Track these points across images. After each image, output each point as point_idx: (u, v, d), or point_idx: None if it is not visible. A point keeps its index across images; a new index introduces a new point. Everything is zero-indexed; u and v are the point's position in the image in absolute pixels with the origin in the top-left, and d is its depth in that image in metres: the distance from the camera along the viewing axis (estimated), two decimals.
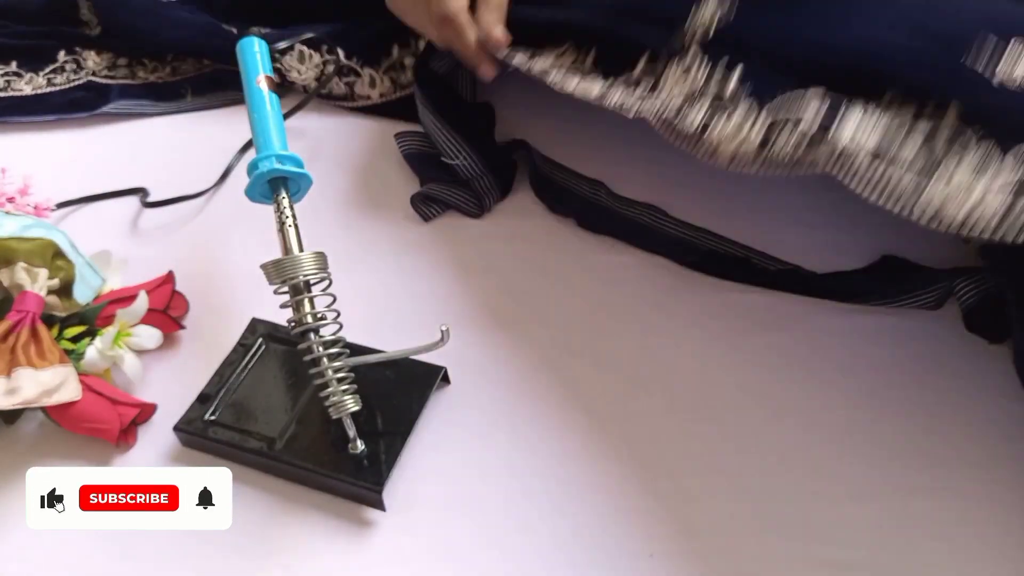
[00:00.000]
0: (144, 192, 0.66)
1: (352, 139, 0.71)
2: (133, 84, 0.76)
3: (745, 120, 0.45)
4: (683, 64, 0.49)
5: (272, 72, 0.56)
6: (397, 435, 0.48)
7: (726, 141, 0.45)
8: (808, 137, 0.43)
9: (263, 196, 0.50)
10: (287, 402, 0.50)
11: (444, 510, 0.47)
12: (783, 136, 0.44)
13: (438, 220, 0.64)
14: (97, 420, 0.48)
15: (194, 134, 0.73)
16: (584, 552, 0.45)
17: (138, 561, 0.45)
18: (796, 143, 0.44)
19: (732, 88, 0.47)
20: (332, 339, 0.47)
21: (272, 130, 0.51)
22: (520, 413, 0.51)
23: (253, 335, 0.54)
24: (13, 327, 0.48)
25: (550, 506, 0.47)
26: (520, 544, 0.45)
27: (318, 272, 0.47)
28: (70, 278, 0.52)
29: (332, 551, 0.45)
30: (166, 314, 0.54)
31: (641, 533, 0.45)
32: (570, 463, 0.49)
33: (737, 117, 0.46)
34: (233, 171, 0.69)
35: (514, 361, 0.54)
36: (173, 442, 0.50)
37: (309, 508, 0.47)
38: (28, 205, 0.58)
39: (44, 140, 0.73)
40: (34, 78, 0.76)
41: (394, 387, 0.50)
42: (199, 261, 0.61)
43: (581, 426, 0.50)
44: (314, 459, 0.47)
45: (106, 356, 0.51)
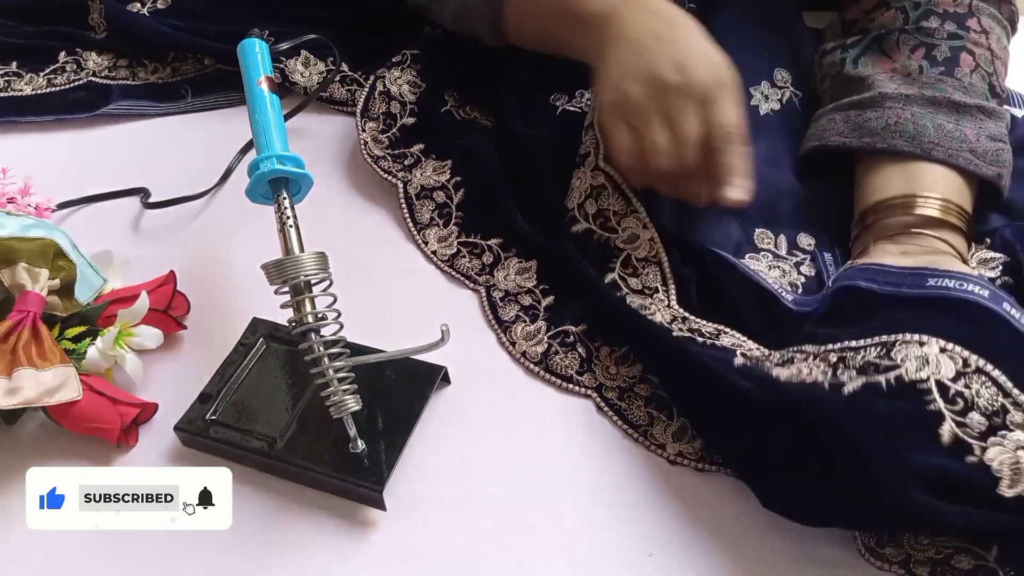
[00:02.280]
0: (145, 192, 0.66)
1: (353, 140, 0.71)
2: (134, 84, 0.76)
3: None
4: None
5: (272, 73, 0.56)
6: (397, 435, 0.48)
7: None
8: None
9: (264, 197, 0.50)
10: (288, 402, 0.50)
11: (444, 510, 0.47)
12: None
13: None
14: (98, 420, 0.48)
15: (194, 134, 0.73)
16: (584, 552, 0.45)
17: (138, 560, 0.45)
18: None
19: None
20: (333, 339, 0.47)
21: (273, 131, 0.51)
22: (520, 413, 0.51)
23: (254, 335, 0.54)
24: (14, 327, 0.48)
25: (550, 506, 0.47)
26: (520, 544, 0.45)
27: (319, 272, 0.47)
28: (71, 278, 0.52)
29: (332, 551, 0.45)
30: (167, 314, 0.54)
31: (641, 533, 0.45)
32: (570, 463, 0.49)
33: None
34: (234, 172, 0.69)
35: (514, 362, 0.54)
36: (174, 441, 0.50)
37: (309, 508, 0.47)
38: (29, 205, 0.58)
39: (44, 140, 0.73)
40: (34, 78, 0.76)
41: (394, 387, 0.50)
42: (200, 261, 0.61)
43: (581, 426, 0.51)
44: (315, 459, 0.47)
45: (107, 356, 0.51)
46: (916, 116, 0.55)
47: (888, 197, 0.53)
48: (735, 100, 0.51)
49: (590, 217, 0.57)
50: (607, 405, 0.51)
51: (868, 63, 0.60)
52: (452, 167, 0.64)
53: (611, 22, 0.54)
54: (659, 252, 0.55)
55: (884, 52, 0.60)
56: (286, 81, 0.73)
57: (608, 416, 0.51)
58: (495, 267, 0.59)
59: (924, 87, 0.56)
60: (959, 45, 0.57)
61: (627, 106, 0.51)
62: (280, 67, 0.73)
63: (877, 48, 0.60)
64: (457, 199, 0.62)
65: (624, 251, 0.56)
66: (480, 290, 0.58)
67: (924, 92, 0.56)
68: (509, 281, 0.57)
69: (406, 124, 0.68)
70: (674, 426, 0.50)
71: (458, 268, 0.59)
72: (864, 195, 0.55)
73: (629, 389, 0.52)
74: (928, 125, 0.54)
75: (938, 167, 0.53)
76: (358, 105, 0.69)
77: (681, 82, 0.49)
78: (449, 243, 0.61)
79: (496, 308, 0.57)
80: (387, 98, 0.69)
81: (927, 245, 0.51)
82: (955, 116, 0.55)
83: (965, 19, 0.58)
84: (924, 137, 0.54)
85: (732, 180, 0.50)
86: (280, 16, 0.81)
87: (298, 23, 0.80)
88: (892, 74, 0.58)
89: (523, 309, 0.56)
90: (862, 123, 0.56)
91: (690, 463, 0.48)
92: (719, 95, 0.50)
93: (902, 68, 0.58)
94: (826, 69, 0.63)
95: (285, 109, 0.59)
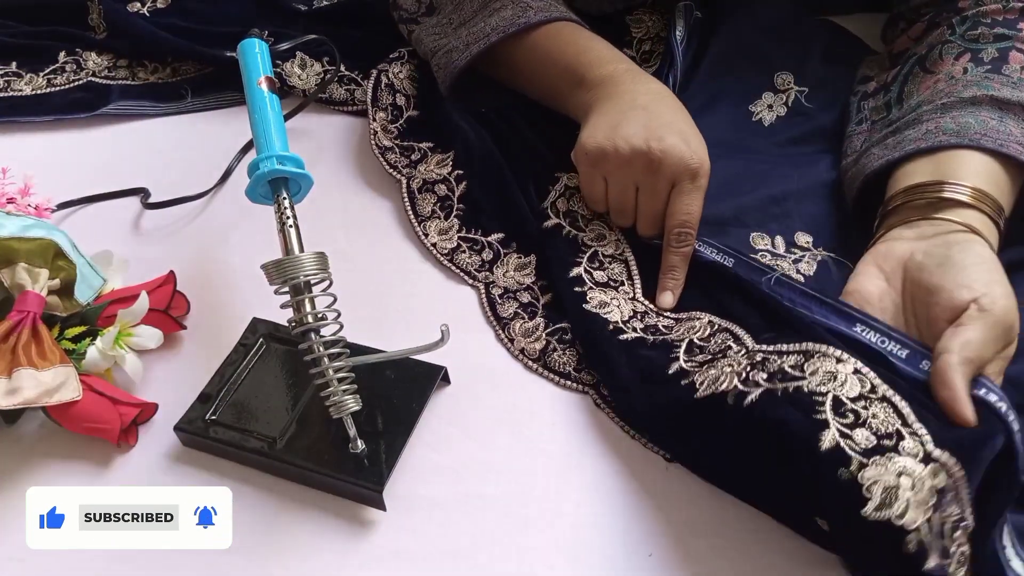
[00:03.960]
0: (145, 193, 0.66)
1: (353, 139, 0.71)
2: (133, 85, 0.76)
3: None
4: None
5: (272, 73, 0.56)
6: (397, 435, 0.48)
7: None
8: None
9: (264, 197, 0.50)
10: (288, 402, 0.50)
11: (444, 510, 0.47)
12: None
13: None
14: (98, 420, 0.48)
15: (194, 135, 0.73)
16: (584, 552, 0.45)
17: (138, 560, 0.45)
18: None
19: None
20: (333, 339, 0.47)
21: (273, 131, 0.51)
22: (519, 412, 0.51)
23: (254, 335, 0.54)
24: (14, 327, 0.48)
25: (550, 506, 0.47)
26: (520, 544, 0.45)
27: (319, 272, 0.47)
28: (71, 278, 0.52)
29: (332, 551, 0.45)
30: (167, 314, 0.54)
31: (641, 533, 0.45)
32: (569, 462, 0.49)
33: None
34: (234, 172, 0.69)
35: (514, 361, 0.54)
36: (174, 442, 0.50)
37: (309, 508, 0.47)
38: (29, 205, 0.58)
39: (44, 140, 0.73)
40: (34, 78, 0.76)
41: (394, 387, 0.50)
42: (200, 261, 0.61)
43: (580, 423, 0.51)
44: (315, 459, 0.47)
45: (107, 356, 0.51)
46: (956, 117, 0.53)
47: (917, 183, 0.52)
48: (701, 190, 0.53)
49: (560, 214, 0.58)
50: (604, 402, 0.51)
51: (912, 92, 0.59)
52: (454, 158, 0.64)
53: (607, 86, 0.57)
54: (625, 251, 0.57)
55: (927, 70, 0.58)
56: (284, 84, 0.73)
57: (605, 413, 0.51)
58: (495, 264, 0.59)
59: (967, 86, 0.54)
60: (1007, 46, 0.56)
61: (602, 163, 0.55)
62: (277, 71, 0.73)
63: (920, 69, 0.59)
64: (459, 192, 0.63)
65: (592, 247, 0.57)
66: (479, 287, 0.58)
67: (963, 95, 0.54)
68: (508, 278, 0.58)
69: (412, 116, 0.68)
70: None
71: (458, 263, 0.60)
72: (893, 185, 0.54)
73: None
74: (971, 120, 0.52)
75: (976, 155, 0.51)
76: (368, 95, 0.70)
77: (657, 156, 0.52)
78: (449, 236, 0.61)
79: (495, 305, 0.57)
80: (392, 90, 0.69)
81: (944, 228, 0.49)
82: (998, 113, 0.53)
83: (1016, 23, 0.57)
84: (969, 130, 0.52)
85: (666, 283, 0.54)
86: (280, 16, 0.81)
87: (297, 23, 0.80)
88: (935, 86, 0.57)
89: (522, 306, 0.56)
90: (902, 140, 0.55)
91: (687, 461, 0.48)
92: (689, 181, 0.53)
93: (945, 76, 0.56)
94: (868, 114, 0.62)
95: (285, 109, 0.59)
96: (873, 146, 0.57)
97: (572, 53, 0.60)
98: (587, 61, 0.59)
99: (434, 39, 0.66)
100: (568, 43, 0.61)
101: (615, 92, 0.56)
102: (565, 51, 0.60)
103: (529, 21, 0.61)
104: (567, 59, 0.60)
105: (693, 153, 0.52)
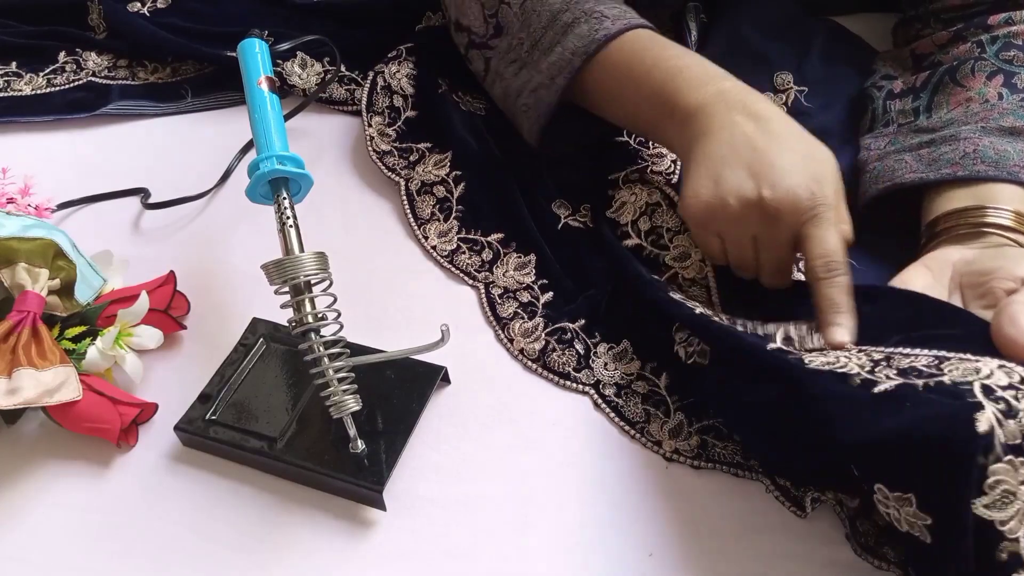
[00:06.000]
0: (145, 193, 0.66)
1: (353, 140, 0.71)
2: (133, 85, 0.76)
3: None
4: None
5: (272, 73, 0.56)
6: (397, 435, 0.48)
7: None
8: None
9: (264, 197, 0.50)
10: (288, 402, 0.50)
11: (444, 510, 0.47)
12: None
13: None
14: (98, 420, 0.48)
15: (194, 135, 0.73)
16: (584, 552, 0.45)
17: (138, 560, 0.45)
18: None
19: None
20: (333, 339, 0.47)
21: (273, 131, 0.51)
22: (519, 412, 0.51)
23: (254, 335, 0.54)
24: (14, 327, 0.48)
25: (550, 506, 0.47)
26: (520, 544, 0.45)
27: (319, 272, 0.47)
28: (71, 278, 0.52)
29: (332, 551, 0.45)
30: (167, 314, 0.54)
31: (641, 533, 0.45)
32: (569, 462, 0.49)
33: None
34: (234, 172, 0.69)
35: (514, 361, 0.54)
36: (174, 442, 0.50)
37: (309, 508, 0.47)
38: (29, 205, 0.58)
39: (44, 140, 0.73)
40: (34, 78, 0.76)
41: (394, 387, 0.50)
42: (200, 261, 0.61)
43: (579, 423, 0.51)
44: (315, 459, 0.47)
45: (107, 356, 0.51)
46: (995, 143, 0.52)
47: (960, 208, 0.51)
48: (833, 221, 0.47)
49: (643, 234, 0.56)
50: (604, 402, 0.51)
51: (942, 103, 0.58)
52: (452, 158, 0.64)
53: (702, 120, 0.50)
54: (708, 274, 0.54)
55: (957, 82, 0.57)
56: (284, 84, 0.73)
57: (605, 413, 0.51)
58: (494, 264, 0.59)
59: (1004, 114, 0.53)
60: None
61: (712, 223, 0.49)
62: (277, 71, 0.73)
63: (949, 80, 0.58)
64: (458, 193, 0.63)
65: (672, 268, 0.55)
66: (479, 287, 0.58)
67: (1002, 123, 0.53)
68: (508, 278, 0.58)
69: (410, 117, 0.68)
70: (671, 423, 0.50)
71: (457, 264, 0.60)
72: (931, 206, 0.53)
73: (626, 386, 0.52)
74: (1010, 151, 0.51)
75: (1011, 187, 0.50)
76: (362, 100, 0.69)
77: (772, 208, 0.46)
78: (449, 238, 0.61)
79: (495, 305, 0.57)
80: (389, 92, 0.69)
81: (995, 241, 0.48)
82: None
83: None
84: (1008, 161, 0.51)
85: (834, 319, 0.46)
86: (279, 15, 0.81)
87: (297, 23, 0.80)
88: (967, 104, 0.56)
89: (521, 306, 0.56)
90: (937, 157, 0.53)
91: (686, 460, 0.48)
92: (814, 216, 0.46)
93: (978, 96, 0.56)
94: (894, 116, 0.60)
95: (285, 109, 0.59)
96: (906, 151, 0.56)
97: (658, 76, 0.53)
98: (674, 88, 0.52)
99: (513, 68, 0.60)
100: (652, 62, 0.54)
101: (710, 128, 0.49)
102: (651, 72, 0.53)
103: (609, 33, 0.55)
104: (652, 83, 0.53)
105: (811, 192, 0.46)
